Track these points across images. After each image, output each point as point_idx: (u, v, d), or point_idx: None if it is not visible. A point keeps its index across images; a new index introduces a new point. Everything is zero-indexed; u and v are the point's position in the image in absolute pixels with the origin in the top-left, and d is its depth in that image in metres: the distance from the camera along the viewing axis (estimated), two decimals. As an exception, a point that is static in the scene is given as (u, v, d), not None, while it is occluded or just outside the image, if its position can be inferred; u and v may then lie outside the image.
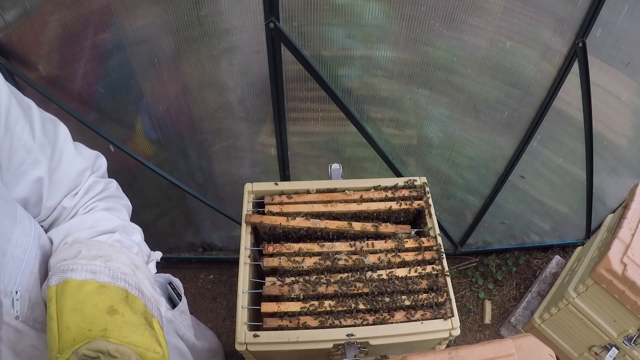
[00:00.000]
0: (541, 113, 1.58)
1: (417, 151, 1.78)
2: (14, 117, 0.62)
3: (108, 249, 0.65)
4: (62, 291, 0.58)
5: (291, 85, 1.46)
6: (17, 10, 1.17)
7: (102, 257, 0.63)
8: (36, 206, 0.68)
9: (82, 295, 0.58)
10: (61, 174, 0.70)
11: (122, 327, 0.58)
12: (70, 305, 0.57)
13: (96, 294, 0.59)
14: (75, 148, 0.74)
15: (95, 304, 0.58)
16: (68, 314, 0.56)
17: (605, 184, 2.01)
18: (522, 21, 1.33)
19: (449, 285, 1.19)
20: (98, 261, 0.62)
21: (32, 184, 0.65)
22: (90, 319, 0.57)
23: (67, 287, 0.58)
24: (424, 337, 1.12)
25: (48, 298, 0.58)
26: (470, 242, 2.31)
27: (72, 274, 0.59)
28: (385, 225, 1.30)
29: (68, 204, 0.71)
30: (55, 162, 0.69)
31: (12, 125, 0.61)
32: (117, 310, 0.59)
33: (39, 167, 0.66)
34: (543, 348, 0.95)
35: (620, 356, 1.70)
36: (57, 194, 0.69)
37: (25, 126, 0.64)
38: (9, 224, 0.59)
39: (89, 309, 0.57)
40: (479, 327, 2.24)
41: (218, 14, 1.26)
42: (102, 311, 0.58)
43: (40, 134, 0.66)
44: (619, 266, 1.48)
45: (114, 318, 0.58)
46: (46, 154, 0.67)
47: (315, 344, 1.08)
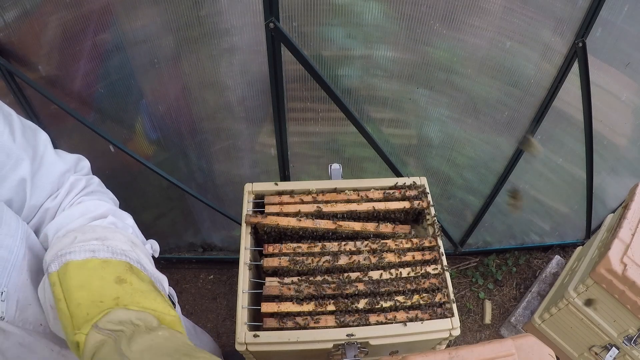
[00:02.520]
0: (541, 113, 1.58)
1: (417, 151, 1.77)
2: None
3: (102, 230, 0.64)
4: (65, 273, 0.56)
5: (291, 85, 1.46)
6: (17, 11, 1.17)
7: (99, 237, 0.62)
8: (20, 207, 0.68)
9: (86, 271, 0.57)
10: (43, 176, 0.69)
11: (133, 294, 0.56)
12: (76, 284, 0.55)
13: (100, 268, 0.58)
14: (55, 153, 0.74)
15: (102, 276, 0.57)
16: (75, 291, 0.55)
17: (605, 184, 2.01)
18: (522, 21, 1.33)
19: (449, 285, 1.19)
20: (95, 241, 0.61)
21: (14, 186, 0.65)
22: (99, 291, 0.55)
23: (69, 267, 0.57)
24: (424, 337, 1.12)
25: (51, 284, 0.57)
26: (470, 242, 2.31)
27: (72, 256, 0.58)
28: (385, 225, 1.30)
29: (50, 204, 0.70)
30: (37, 164, 0.69)
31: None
32: (125, 279, 0.58)
33: (20, 170, 0.65)
34: (543, 348, 0.95)
35: (620, 356, 1.70)
36: (39, 195, 0.69)
37: (5, 130, 0.64)
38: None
39: (96, 283, 0.56)
40: (479, 327, 2.24)
41: (218, 14, 1.26)
42: (109, 282, 0.56)
43: (20, 138, 0.66)
44: (619, 266, 1.48)
45: (123, 286, 0.56)
46: (28, 156, 0.67)
47: (315, 344, 1.08)
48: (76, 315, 0.53)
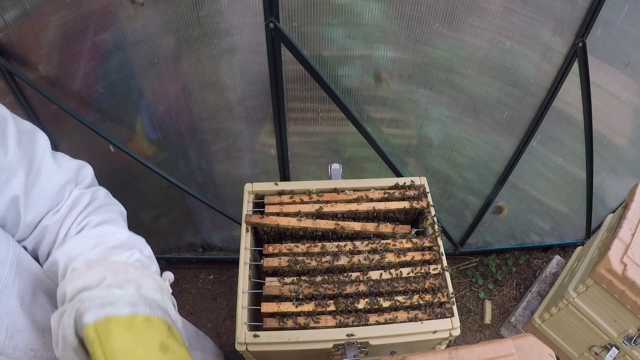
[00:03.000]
0: (541, 113, 1.58)
1: (417, 151, 1.78)
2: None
3: (134, 272, 0.60)
4: (107, 332, 0.52)
5: (291, 85, 1.46)
6: (17, 11, 1.17)
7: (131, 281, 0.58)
8: (14, 225, 0.64)
9: (131, 335, 0.53)
10: (40, 190, 0.65)
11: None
12: (121, 348, 0.52)
13: (144, 332, 0.54)
14: (55, 160, 0.69)
15: (146, 342, 0.54)
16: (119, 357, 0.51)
17: (605, 184, 2.01)
18: (522, 21, 1.33)
19: (449, 285, 1.19)
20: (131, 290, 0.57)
21: (7, 203, 0.61)
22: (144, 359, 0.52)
23: (112, 326, 0.53)
24: (424, 337, 1.12)
25: (88, 340, 0.52)
26: (470, 242, 2.31)
27: (112, 309, 0.54)
28: (385, 225, 1.30)
29: (50, 221, 0.66)
30: (32, 177, 0.64)
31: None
32: (168, 346, 0.55)
33: (12, 186, 0.61)
34: (543, 348, 0.95)
35: (620, 356, 1.70)
36: (36, 211, 0.65)
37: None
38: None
39: (141, 350, 0.53)
40: (479, 327, 2.24)
41: (218, 14, 1.26)
42: (154, 350, 0.53)
43: (14, 149, 0.62)
44: (619, 266, 1.48)
45: (167, 355, 0.54)
46: (22, 169, 0.62)
47: (315, 344, 1.08)
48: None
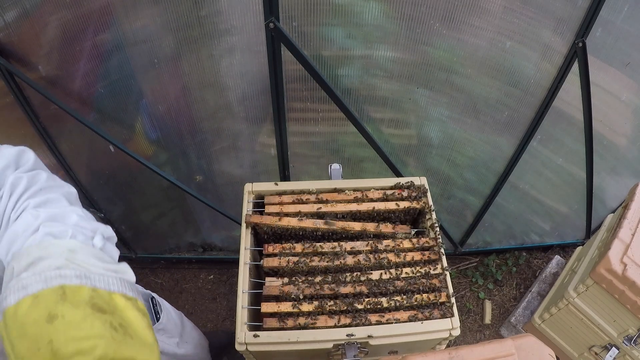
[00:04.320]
0: (541, 113, 1.58)
1: (417, 151, 1.78)
2: None
3: (36, 250, 0.61)
4: (5, 325, 0.55)
5: (291, 85, 1.46)
6: (17, 11, 1.17)
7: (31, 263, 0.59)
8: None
9: (19, 318, 0.55)
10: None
11: (67, 330, 0.55)
12: (16, 334, 0.54)
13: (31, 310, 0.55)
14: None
15: (34, 320, 0.55)
16: (18, 344, 0.54)
17: (605, 184, 2.01)
18: (522, 21, 1.33)
19: (449, 285, 1.19)
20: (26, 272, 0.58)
21: None
22: (35, 337, 0.54)
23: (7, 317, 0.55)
24: (424, 337, 1.12)
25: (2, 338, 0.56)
26: (470, 242, 2.31)
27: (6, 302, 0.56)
28: (386, 225, 1.30)
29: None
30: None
31: None
32: (56, 315, 0.55)
33: None
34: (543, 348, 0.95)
35: (620, 356, 1.70)
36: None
37: None
38: None
39: (30, 329, 0.54)
40: (479, 327, 2.24)
41: (218, 14, 1.26)
42: (42, 324, 0.54)
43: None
44: (619, 266, 1.48)
45: (55, 324, 0.55)
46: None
47: (315, 344, 1.08)
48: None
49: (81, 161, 1.71)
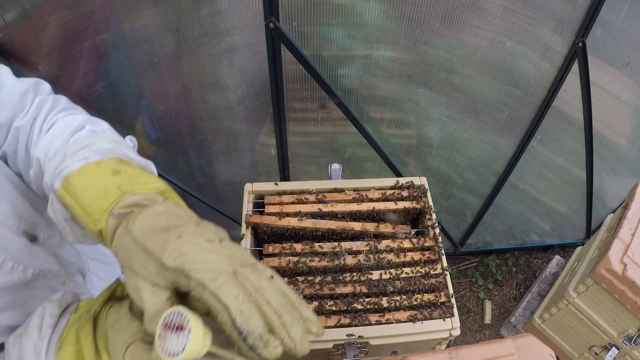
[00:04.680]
0: (541, 113, 1.58)
1: (417, 151, 1.78)
2: None
3: (85, 139, 0.67)
4: (69, 184, 0.60)
5: (291, 85, 1.46)
6: (17, 11, 1.17)
7: (84, 146, 0.65)
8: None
9: (85, 176, 0.61)
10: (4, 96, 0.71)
11: (131, 178, 0.62)
12: (81, 188, 0.60)
13: (96, 169, 0.62)
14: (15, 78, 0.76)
15: (100, 175, 0.61)
16: (83, 194, 0.59)
17: (605, 184, 2.01)
18: (522, 21, 1.33)
19: (449, 285, 1.19)
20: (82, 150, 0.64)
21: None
22: (102, 187, 0.60)
23: (70, 178, 0.61)
24: (424, 337, 1.12)
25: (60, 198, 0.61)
26: (470, 242, 2.31)
27: (68, 169, 0.62)
28: (385, 225, 1.30)
29: (20, 123, 0.72)
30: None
31: None
32: (120, 170, 0.63)
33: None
34: (543, 348, 0.95)
35: (620, 356, 1.70)
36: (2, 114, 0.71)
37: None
38: None
39: (97, 181, 0.61)
40: (479, 327, 2.24)
41: (218, 14, 1.26)
42: (108, 176, 0.61)
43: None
44: (619, 266, 1.48)
45: (120, 176, 0.62)
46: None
47: (315, 344, 1.08)
48: (92, 211, 0.58)
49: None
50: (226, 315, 0.46)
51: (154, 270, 0.50)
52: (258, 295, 0.48)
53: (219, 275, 0.48)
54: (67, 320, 0.61)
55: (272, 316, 0.48)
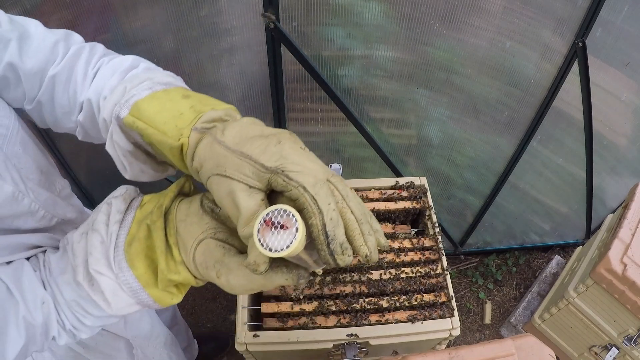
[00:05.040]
0: (541, 113, 1.58)
1: (417, 151, 1.78)
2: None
3: (143, 74, 0.67)
4: (138, 110, 0.60)
5: (291, 85, 1.46)
6: (17, 10, 1.17)
7: (145, 80, 0.65)
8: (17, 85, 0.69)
9: (155, 100, 0.61)
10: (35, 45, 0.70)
11: (201, 101, 0.62)
12: (154, 110, 0.59)
13: (164, 95, 0.62)
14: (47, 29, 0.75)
15: (170, 99, 0.61)
16: (157, 115, 0.59)
17: (605, 184, 2.01)
18: (522, 21, 1.33)
19: (449, 285, 1.19)
20: (145, 83, 0.64)
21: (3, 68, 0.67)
22: (175, 108, 0.60)
23: (139, 104, 0.60)
24: (424, 337, 1.12)
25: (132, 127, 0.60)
26: (470, 242, 2.31)
27: (135, 98, 0.61)
28: (385, 225, 1.30)
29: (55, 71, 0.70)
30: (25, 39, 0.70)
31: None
32: (189, 95, 0.63)
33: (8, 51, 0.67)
34: (543, 348, 0.95)
35: (620, 356, 1.70)
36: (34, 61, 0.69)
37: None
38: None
39: (168, 104, 0.60)
40: (479, 327, 2.24)
41: (218, 14, 1.26)
42: (179, 99, 0.61)
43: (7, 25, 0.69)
44: (619, 266, 1.48)
45: (191, 98, 0.62)
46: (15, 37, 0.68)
47: (315, 344, 1.08)
48: (168, 130, 0.58)
49: (81, 161, 1.71)
50: (319, 220, 0.47)
51: (250, 173, 0.51)
52: (343, 204, 0.50)
53: (317, 181, 0.49)
54: (133, 216, 0.61)
55: (353, 224, 0.50)
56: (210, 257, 0.55)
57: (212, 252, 0.55)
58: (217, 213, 0.58)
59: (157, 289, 0.59)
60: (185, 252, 0.56)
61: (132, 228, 0.59)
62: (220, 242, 0.56)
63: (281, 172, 0.49)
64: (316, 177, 0.49)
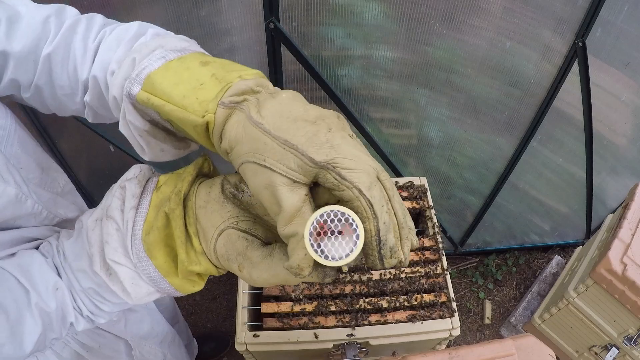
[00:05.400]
0: (541, 113, 1.58)
1: (417, 151, 1.78)
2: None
3: (153, 41, 0.58)
4: (151, 83, 0.52)
5: (291, 85, 1.46)
6: (17, 11, 1.17)
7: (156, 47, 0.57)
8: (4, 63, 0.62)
9: (170, 71, 0.53)
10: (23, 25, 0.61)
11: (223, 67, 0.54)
12: (169, 85, 0.52)
13: (180, 64, 0.54)
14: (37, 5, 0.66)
15: (187, 67, 0.53)
16: (174, 89, 0.51)
17: (605, 184, 2.01)
18: (522, 21, 1.33)
19: (449, 285, 1.19)
20: (156, 51, 0.56)
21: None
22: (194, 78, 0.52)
23: (152, 77, 0.52)
24: (424, 337, 1.12)
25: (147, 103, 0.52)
26: (470, 242, 2.31)
27: (147, 70, 0.53)
28: (385, 225, 1.30)
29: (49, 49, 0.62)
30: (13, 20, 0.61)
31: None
32: (208, 61, 0.55)
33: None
34: (543, 348, 0.95)
35: (620, 356, 1.70)
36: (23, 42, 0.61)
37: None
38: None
39: (185, 74, 0.52)
40: (479, 327, 2.24)
41: (218, 14, 1.26)
42: (197, 67, 0.53)
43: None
44: (619, 266, 1.48)
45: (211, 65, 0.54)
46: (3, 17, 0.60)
47: (315, 344, 1.08)
48: (189, 104, 0.50)
49: (81, 161, 1.71)
50: (373, 225, 0.43)
51: (296, 166, 0.44)
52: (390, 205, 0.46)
53: (372, 182, 0.44)
54: (149, 200, 0.55)
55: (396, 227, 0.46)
56: (232, 250, 0.51)
57: (235, 244, 0.51)
58: (239, 199, 0.53)
59: (177, 278, 0.56)
60: (205, 243, 0.52)
61: (149, 214, 0.55)
62: (243, 232, 0.52)
63: (332, 169, 0.43)
64: (370, 176, 0.44)
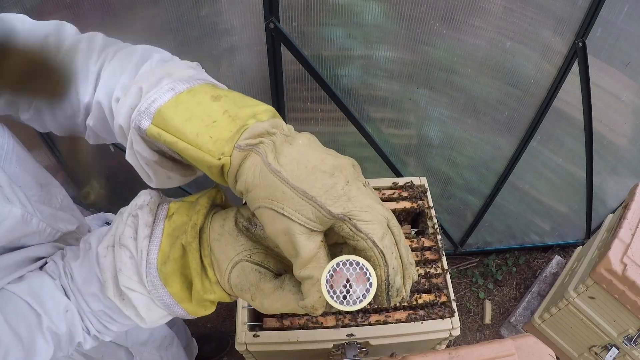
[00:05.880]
0: (541, 113, 1.58)
1: (417, 151, 1.78)
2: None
3: (160, 70, 0.57)
4: (162, 118, 0.51)
5: (291, 85, 1.46)
6: (17, 10, 1.17)
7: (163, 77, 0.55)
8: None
9: (181, 106, 0.52)
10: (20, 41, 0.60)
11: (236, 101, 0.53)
12: (181, 119, 0.51)
13: (191, 97, 0.53)
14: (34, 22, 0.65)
15: (198, 102, 0.52)
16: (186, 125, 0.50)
17: (605, 184, 2.01)
18: (522, 21, 1.33)
19: (449, 285, 1.19)
20: (165, 80, 0.55)
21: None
22: (205, 114, 0.51)
23: (163, 112, 0.52)
24: (424, 337, 1.12)
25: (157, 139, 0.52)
26: (470, 242, 2.31)
27: (156, 103, 0.52)
28: (385, 225, 1.30)
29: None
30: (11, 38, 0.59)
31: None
32: (219, 95, 0.54)
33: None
34: (543, 348, 0.95)
35: (620, 356, 1.70)
36: None
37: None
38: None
39: (197, 110, 0.51)
40: (479, 327, 2.24)
41: (218, 14, 1.26)
42: (208, 103, 0.52)
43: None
44: (619, 266, 1.48)
45: (222, 100, 0.53)
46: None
47: (315, 344, 1.08)
48: (203, 143, 0.50)
49: (81, 161, 1.71)
50: (384, 271, 0.47)
51: (313, 217, 0.46)
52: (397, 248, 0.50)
53: (384, 232, 0.47)
54: (161, 228, 0.56)
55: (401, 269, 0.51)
56: (245, 281, 0.53)
57: (248, 276, 0.53)
58: (252, 232, 0.55)
59: (191, 304, 0.57)
60: (220, 274, 0.54)
61: (163, 243, 0.56)
62: (256, 265, 0.54)
63: (349, 220, 0.46)
64: (382, 226, 0.47)
